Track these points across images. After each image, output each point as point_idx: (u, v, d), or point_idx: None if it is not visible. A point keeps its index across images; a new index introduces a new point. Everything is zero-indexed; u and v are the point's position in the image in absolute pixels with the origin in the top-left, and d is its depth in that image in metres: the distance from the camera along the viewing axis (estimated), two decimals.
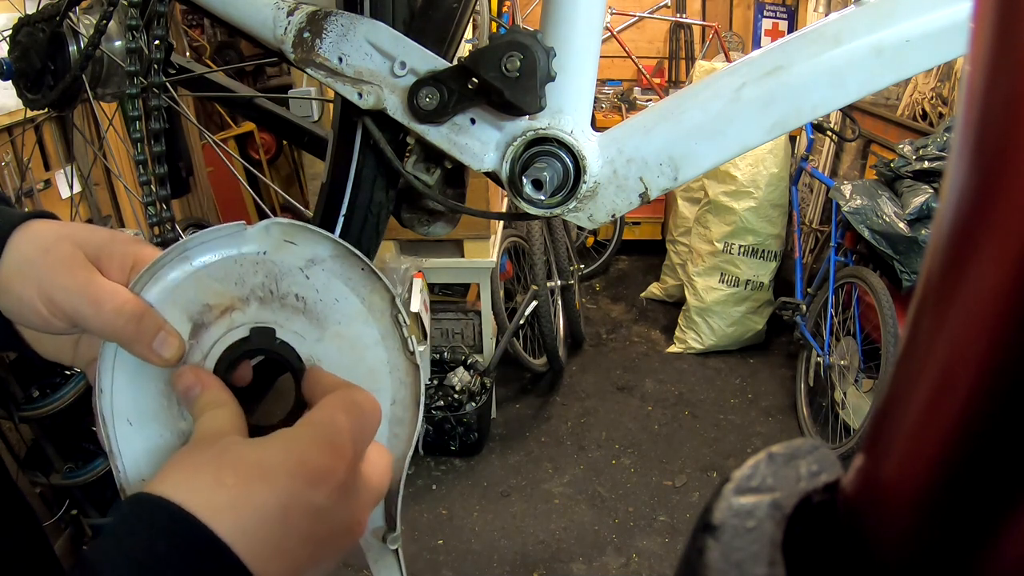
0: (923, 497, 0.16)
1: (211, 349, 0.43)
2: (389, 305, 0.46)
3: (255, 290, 0.44)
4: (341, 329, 0.45)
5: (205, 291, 0.43)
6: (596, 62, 0.58)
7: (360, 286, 0.45)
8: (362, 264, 0.45)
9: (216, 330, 0.43)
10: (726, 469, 2.04)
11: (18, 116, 1.95)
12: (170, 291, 0.42)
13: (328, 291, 0.45)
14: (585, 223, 0.60)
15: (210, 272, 0.43)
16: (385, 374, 0.46)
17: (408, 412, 0.46)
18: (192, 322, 0.43)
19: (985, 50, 0.14)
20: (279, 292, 0.44)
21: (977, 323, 0.14)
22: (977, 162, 0.14)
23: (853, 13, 0.53)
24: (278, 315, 0.44)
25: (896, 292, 2.29)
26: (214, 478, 0.33)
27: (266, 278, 0.44)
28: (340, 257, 0.45)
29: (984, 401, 0.14)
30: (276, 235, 0.44)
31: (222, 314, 0.44)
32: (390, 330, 0.46)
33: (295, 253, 0.44)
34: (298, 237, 0.44)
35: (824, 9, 3.47)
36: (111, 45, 0.88)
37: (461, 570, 2.14)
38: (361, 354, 0.45)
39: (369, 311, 0.46)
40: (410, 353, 0.46)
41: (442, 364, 2.62)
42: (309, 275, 0.44)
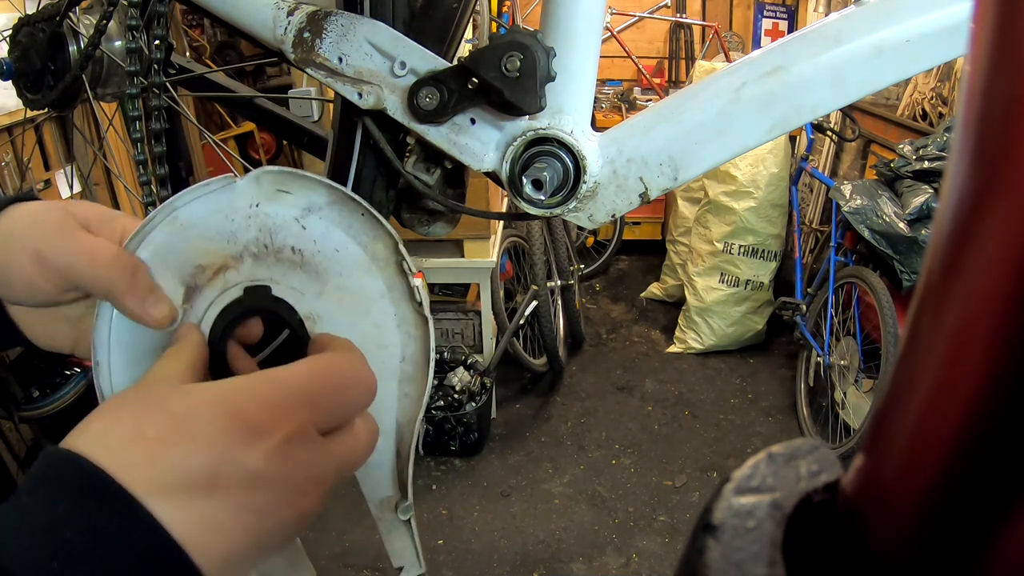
0: (923, 497, 0.16)
1: (206, 312, 0.41)
2: (393, 253, 0.43)
3: (248, 246, 0.41)
4: (343, 282, 0.42)
5: (196, 251, 0.41)
6: (596, 62, 0.58)
7: (361, 234, 0.42)
8: (362, 209, 0.42)
9: (210, 292, 0.41)
10: (726, 469, 2.04)
11: (18, 116, 1.96)
12: (160, 254, 0.40)
13: (327, 241, 0.42)
14: (585, 223, 0.60)
15: (200, 231, 0.41)
16: (392, 328, 0.43)
17: (419, 370, 0.43)
18: (185, 285, 0.41)
19: (985, 50, 0.14)
20: (274, 246, 0.41)
21: (977, 323, 0.14)
22: (977, 162, 0.14)
23: (853, 13, 0.53)
24: (274, 271, 0.42)
25: (896, 292, 2.29)
26: (133, 429, 0.29)
27: (260, 232, 0.41)
28: (338, 203, 0.42)
29: (984, 401, 0.14)
30: (268, 185, 0.41)
31: (215, 274, 0.41)
32: (395, 280, 0.43)
33: (289, 203, 0.42)
34: (292, 185, 0.42)
35: (824, 9, 3.47)
36: (111, 45, 0.88)
37: (461, 570, 2.14)
38: (366, 308, 0.43)
39: (372, 260, 0.43)
40: (418, 304, 0.43)
41: (442, 364, 2.62)
42: (306, 225, 0.42)
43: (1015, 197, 0.13)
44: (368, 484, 0.46)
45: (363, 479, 0.45)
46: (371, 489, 0.46)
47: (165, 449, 0.29)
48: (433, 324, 0.44)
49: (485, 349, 2.71)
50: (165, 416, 0.30)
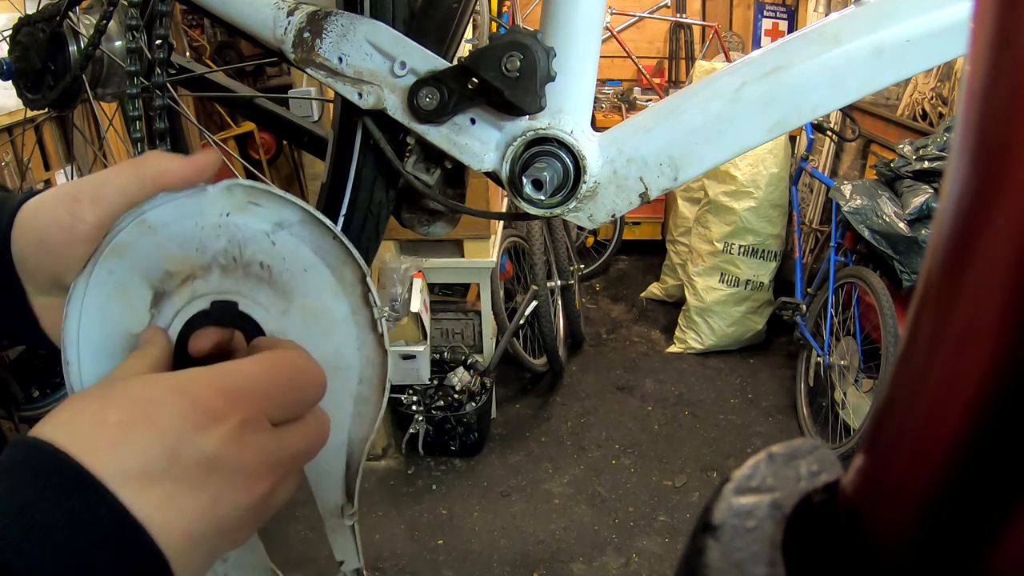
0: (923, 497, 0.16)
1: (173, 320, 0.41)
2: (360, 282, 0.43)
3: (217, 257, 0.41)
4: (308, 302, 0.42)
5: (165, 256, 0.41)
6: (596, 62, 0.58)
7: (330, 256, 0.43)
8: (332, 234, 0.42)
9: (178, 299, 0.41)
10: (726, 469, 2.04)
11: (18, 116, 1.96)
12: (128, 255, 0.40)
13: (296, 259, 0.42)
14: (585, 223, 0.60)
15: (169, 235, 0.41)
16: (353, 351, 0.44)
17: (374, 393, 0.45)
18: (153, 290, 0.41)
19: (985, 50, 0.14)
20: (243, 259, 0.42)
21: (977, 323, 0.14)
22: (977, 162, 0.14)
23: (853, 13, 0.53)
24: (241, 285, 0.42)
25: (896, 292, 2.29)
26: (97, 416, 0.31)
27: (229, 243, 0.41)
28: (309, 223, 0.42)
29: (984, 401, 0.14)
30: (240, 196, 0.41)
31: (183, 282, 0.41)
32: (360, 306, 0.43)
33: (260, 216, 0.41)
34: (263, 199, 0.42)
35: (824, 9, 3.47)
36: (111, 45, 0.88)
37: (461, 570, 2.14)
38: (329, 329, 0.43)
39: (340, 283, 0.43)
40: (379, 335, 0.44)
41: (442, 364, 2.62)
42: (276, 241, 0.42)
43: (1015, 197, 0.13)
44: (319, 491, 0.48)
45: (315, 485, 0.47)
46: (321, 495, 0.48)
47: (127, 433, 0.30)
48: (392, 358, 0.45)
49: (485, 349, 2.71)
50: (127, 403, 0.32)
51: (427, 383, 2.50)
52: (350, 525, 0.47)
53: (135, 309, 0.41)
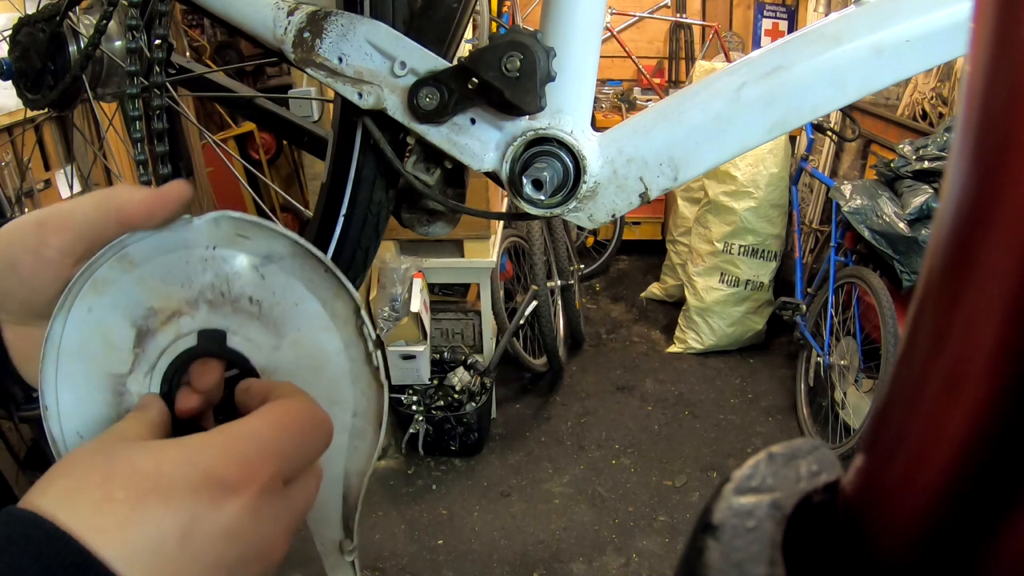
0: (923, 497, 0.16)
1: (159, 360, 0.40)
2: (353, 314, 0.42)
3: (204, 292, 0.40)
4: (300, 337, 0.41)
5: (149, 293, 0.39)
6: (596, 62, 0.58)
7: (322, 289, 0.41)
8: (324, 266, 0.41)
9: (163, 338, 0.39)
10: (726, 469, 2.04)
11: (18, 116, 1.96)
12: (108, 292, 0.38)
13: (286, 294, 0.40)
14: (585, 223, 0.60)
15: (153, 271, 0.39)
16: (347, 384, 0.43)
17: (370, 426, 0.43)
18: (136, 328, 0.39)
19: (985, 50, 0.14)
20: (231, 295, 0.40)
21: (978, 323, 0.14)
22: (977, 162, 0.14)
23: (853, 13, 0.53)
24: (230, 320, 0.40)
25: (896, 292, 2.29)
26: (101, 491, 0.28)
27: (216, 278, 0.40)
28: (299, 256, 0.41)
29: (984, 401, 0.14)
30: (227, 228, 0.40)
31: (168, 319, 0.39)
32: (354, 340, 0.42)
33: (249, 249, 0.40)
34: (252, 232, 0.40)
35: (824, 9, 3.47)
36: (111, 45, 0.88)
37: (461, 570, 2.14)
38: (322, 365, 0.42)
39: (332, 318, 0.41)
40: (374, 368, 0.43)
41: (442, 364, 2.62)
42: (265, 275, 0.40)
43: (1016, 197, 0.13)
44: (316, 527, 0.46)
45: (312, 522, 0.46)
46: (319, 532, 0.46)
47: (136, 511, 0.28)
48: (388, 390, 0.44)
49: (485, 349, 2.71)
50: (134, 475, 0.29)
51: (427, 383, 2.50)
52: (350, 561, 0.46)
53: (117, 349, 0.39)
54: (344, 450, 0.44)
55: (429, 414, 2.48)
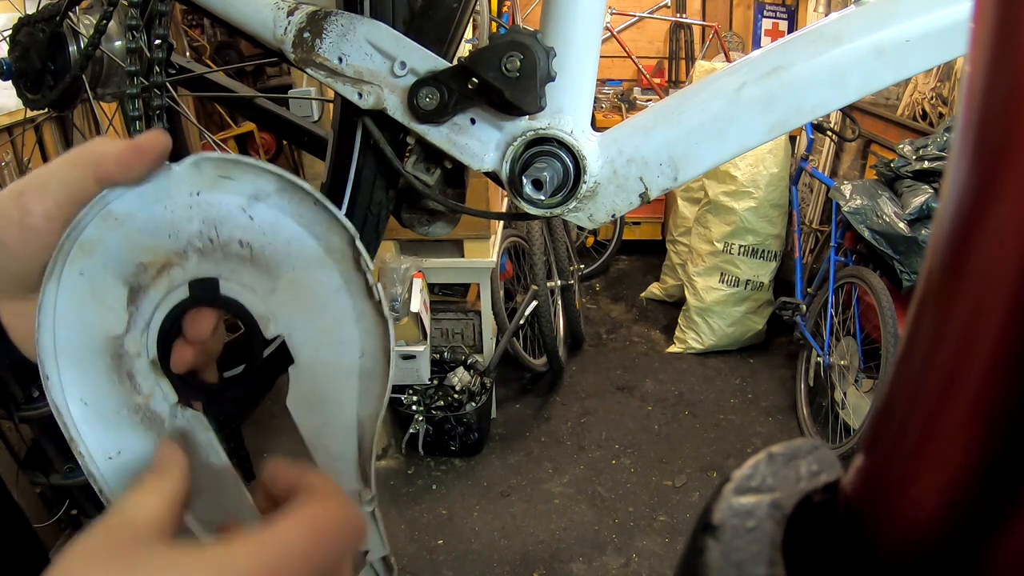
0: (923, 497, 0.16)
1: (153, 315, 0.38)
2: (349, 246, 0.40)
3: (192, 240, 0.38)
4: (296, 276, 0.39)
5: (136, 248, 0.38)
6: (596, 62, 0.58)
7: (314, 224, 0.39)
8: (314, 198, 0.39)
9: (155, 293, 0.38)
10: (726, 469, 2.04)
11: (18, 116, 1.95)
12: (97, 252, 0.37)
13: (277, 232, 0.39)
14: (585, 223, 0.60)
15: (138, 224, 0.37)
16: (351, 323, 0.41)
17: (378, 364, 0.42)
18: (128, 286, 0.38)
19: (985, 50, 0.14)
20: (220, 240, 0.38)
21: (978, 323, 0.14)
22: (977, 162, 0.14)
23: (853, 13, 0.53)
24: (222, 267, 0.39)
25: (896, 292, 2.29)
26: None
27: (203, 224, 0.38)
28: (287, 190, 0.39)
29: (984, 401, 0.14)
30: (208, 171, 0.38)
31: (159, 273, 0.38)
32: (352, 275, 0.40)
33: (233, 190, 0.38)
34: (234, 171, 0.38)
35: (824, 9, 3.47)
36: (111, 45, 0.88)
37: (461, 570, 2.14)
38: (322, 303, 0.40)
39: (327, 253, 0.40)
40: (376, 302, 0.41)
41: (442, 364, 2.62)
42: (253, 215, 0.38)
43: (1015, 197, 0.13)
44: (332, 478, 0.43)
45: (327, 473, 0.44)
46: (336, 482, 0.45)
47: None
48: (393, 323, 0.42)
49: (485, 349, 2.71)
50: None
51: (427, 383, 2.49)
52: (370, 511, 0.44)
53: (112, 310, 0.38)
54: (355, 395, 0.42)
55: (429, 414, 2.48)
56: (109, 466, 0.39)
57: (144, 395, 0.39)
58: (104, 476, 0.39)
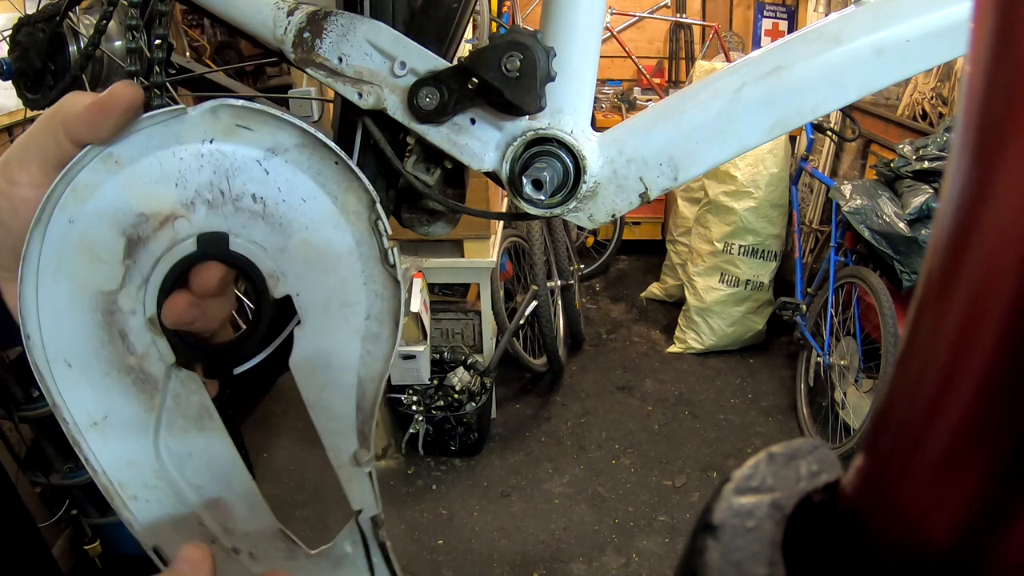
0: (923, 497, 0.16)
1: (153, 271, 0.36)
2: (367, 209, 0.38)
3: (201, 191, 0.36)
4: (308, 236, 0.38)
5: (138, 197, 0.35)
6: (596, 62, 0.58)
7: (332, 183, 0.38)
8: (335, 157, 0.38)
9: (156, 246, 0.36)
10: (726, 469, 2.04)
11: (18, 116, 1.95)
12: (92, 199, 0.35)
13: (293, 189, 0.37)
14: (585, 223, 0.60)
15: (143, 171, 0.35)
16: (359, 285, 0.39)
17: (385, 328, 0.40)
18: (125, 237, 0.36)
19: (985, 50, 0.14)
20: (232, 192, 0.36)
21: (978, 323, 0.14)
22: (977, 162, 0.14)
23: (853, 13, 0.53)
24: (231, 222, 0.37)
25: (896, 292, 2.29)
26: None
27: (215, 175, 0.36)
28: (308, 147, 0.37)
29: (984, 401, 0.14)
30: (226, 119, 0.36)
31: (162, 225, 0.36)
32: (367, 237, 0.39)
33: (251, 141, 0.36)
34: (254, 121, 0.36)
35: (824, 9, 3.47)
36: (111, 45, 0.88)
37: (461, 570, 2.14)
38: (332, 264, 0.39)
39: (342, 213, 0.38)
40: (390, 266, 0.39)
41: (442, 364, 2.62)
42: (269, 169, 0.37)
43: (1015, 196, 0.13)
44: (329, 438, 0.42)
45: (325, 433, 0.42)
46: (333, 443, 0.43)
47: None
48: (404, 286, 0.41)
49: (485, 349, 2.71)
50: None
51: (427, 383, 2.50)
52: (367, 472, 0.43)
53: (104, 262, 0.36)
54: (356, 357, 0.41)
55: (429, 414, 2.48)
56: (94, 433, 0.37)
57: (138, 355, 0.37)
58: (88, 443, 0.37)
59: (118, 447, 0.37)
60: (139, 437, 0.38)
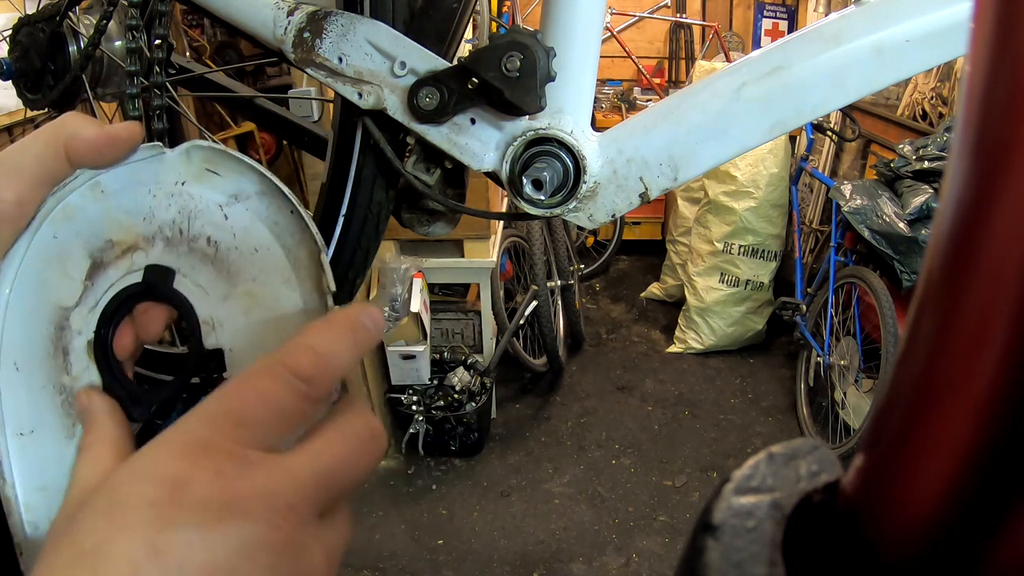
0: (923, 497, 0.16)
1: (103, 295, 0.37)
2: (314, 263, 0.38)
3: (163, 228, 0.37)
4: (254, 288, 0.38)
5: (111, 224, 0.37)
6: (596, 62, 0.58)
7: (287, 234, 0.38)
8: (291, 206, 0.38)
9: (114, 272, 0.38)
10: (726, 469, 2.04)
11: (18, 116, 1.95)
12: (74, 218, 0.36)
13: (248, 237, 0.38)
14: (585, 223, 0.60)
15: (119, 201, 0.37)
16: None
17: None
18: (92, 259, 0.37)
19: (985, 50, 0.14)
20: (190, 233, 0.37)
21: (978, 323, 0.14)
22: (977, 161, 0.14)
23: (853, 13, 0.53)
24: (182, 261, 0.38)
25: (896, 292, 2.29)
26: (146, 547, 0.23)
27: (179, 214, 0.37)
28: (267, 195, 0.38)
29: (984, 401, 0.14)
30: (197, 162, 0.37)
31: (123, 254, 0.38)
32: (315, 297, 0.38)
33: (217, 186, 0.38)
34: (222, 166, 0.37)
35: (824, 9, 3.47)
36: (111, 45, 0.88)
37: (461, 570, 2.14)
38: (274, 322, 0.38)
39: (294, 268, 0.38)
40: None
41: (442, 364, 2.62)
42: (228, 214, 0.37)
43: (1015, 197, 0.13)
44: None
45: None
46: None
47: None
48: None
49: (485, 349, 2.71)
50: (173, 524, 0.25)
51: (427, 383, 2.50)
52: None
53: (70, 279, 0.37)
54: None
55: (429, 414, 2.48)
56: (18, 443, 0.37)
57: (72, 376, 0.38)
58: (9, 451, 0.37)
59: (35, 467, 0.37)
60: (57, 464, 0.37)
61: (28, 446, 0.37)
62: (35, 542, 0.37)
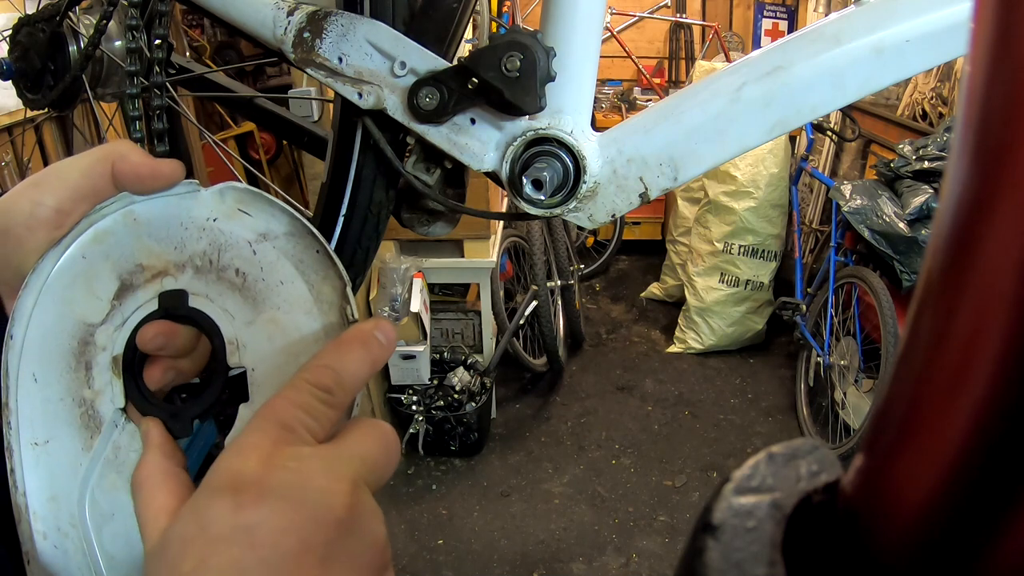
0: (923, 497, 0.16)
1: (131, 315, 0.39)
2: (339, 297, 0.41)
3: (194, 257, 0.40)
4: (278, 315, 0.40)
5: (141, 250, 0.39)
6: (596, 62, 0.58)
7: (311, 271, 0.41)
8: (318, 246, 0.40)
9: (142, 294, 0.40)
10: (726, 469, 2.04)
11: (18, 116, 1.96)
12: (105, 241, 0.39)
13: (274, 272, 0.40)
14: (585, 223, 0.60)
15: (151, 230, 0.39)
16: None
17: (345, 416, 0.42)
18: (120, 281, 0.39)
19: (985, 50, 0.14)
20: (219, 263, 0.40)
21: (977, 323, 0.14)
22: (977, 162, 0.14)
23: (853, 13, 0.53)
24: (211, 288, 0.40)
25: (896, 292, 2.29)
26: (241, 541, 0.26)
27: (209, 246, 0.40)
28: (295, 236, 0.40)
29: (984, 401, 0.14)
30: (230, 202, 0.40)
31: (153, 278, 0.40)
32: (335, 327, 0.41)
33: (247, 225, 0.40)
34: (253, 207, 0.40)
35: (824, 9, 3.47)
36: (111, 45, 0.88)
37: (461, 570, 2.14)
38: (295, 347, 0.41)
39: (316, 301, 0.41)
40: None
41: (442, 364, 2.62)
42: (257, 251, 0.40)
43: (1015, 197, 0.13)
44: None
45: None
46: None
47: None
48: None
49: (485, 349, 2.71)
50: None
51: (427, 383, 2.50)
52: None
53: (97, 298, 0.39)
54: None
55: (429, 414, 2.48)
56: (32, 452, 0.38)
57: (94, 390, 0.39)
58: (23, 460, 0.38)
59: (47, 477, 0.38)
60: (69, 475, 0.38)
61: (41, 456, 0.38)
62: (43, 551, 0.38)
